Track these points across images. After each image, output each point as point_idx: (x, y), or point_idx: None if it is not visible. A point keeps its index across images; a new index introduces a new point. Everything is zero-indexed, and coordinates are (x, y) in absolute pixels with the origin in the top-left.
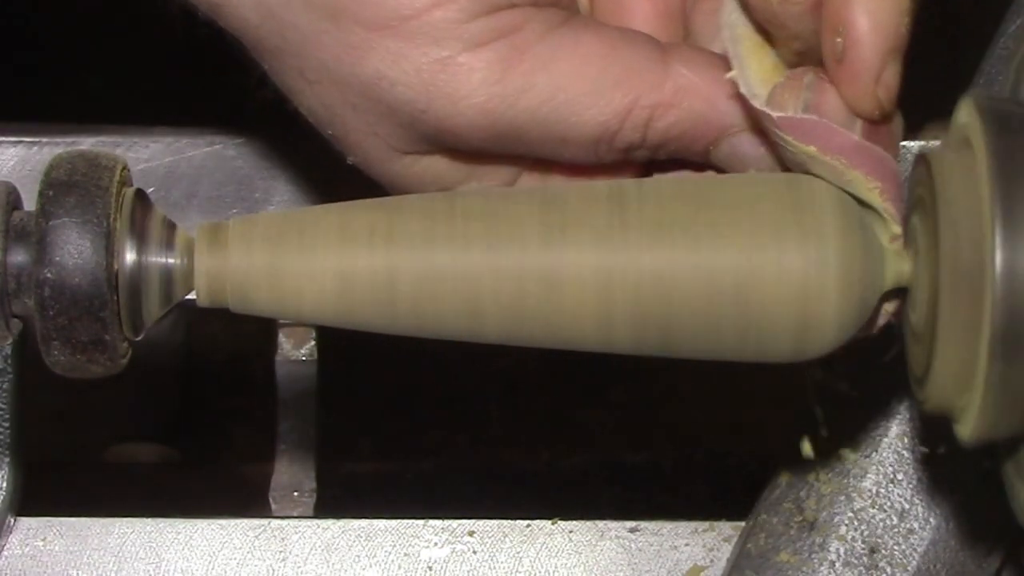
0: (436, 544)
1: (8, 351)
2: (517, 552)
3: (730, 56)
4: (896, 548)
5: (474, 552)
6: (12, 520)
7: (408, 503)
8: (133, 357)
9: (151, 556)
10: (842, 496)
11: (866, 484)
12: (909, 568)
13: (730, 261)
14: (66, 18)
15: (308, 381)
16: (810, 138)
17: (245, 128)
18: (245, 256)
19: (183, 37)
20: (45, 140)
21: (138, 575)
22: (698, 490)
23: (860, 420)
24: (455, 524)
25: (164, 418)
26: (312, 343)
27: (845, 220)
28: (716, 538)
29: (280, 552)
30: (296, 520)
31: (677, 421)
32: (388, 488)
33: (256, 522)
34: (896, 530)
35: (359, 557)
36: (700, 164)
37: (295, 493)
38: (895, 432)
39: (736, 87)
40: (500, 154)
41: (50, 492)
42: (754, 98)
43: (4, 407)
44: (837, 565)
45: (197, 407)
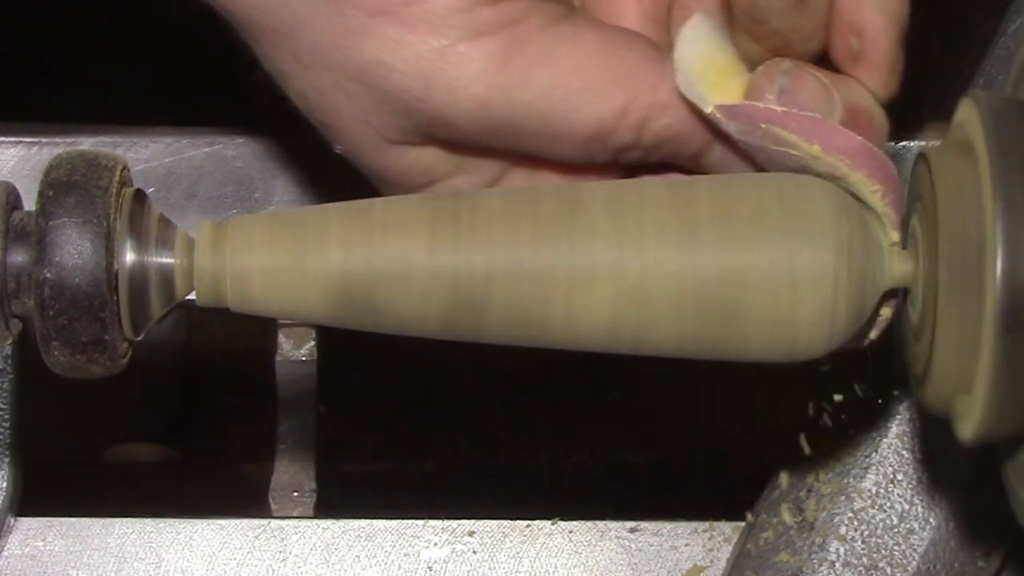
0: (436, 544)
1: (8, 351)
2: (517, 552)
3: (686, 91)
4: (896, 548)
5: (474, 552)
6: (12, 520)
7: (408, 503)
8: (133, 357)
9: (151, 556)
10: (842, 496)
11: (866, 484)
12: (909, 568)
13: (730, 261)
14: (66, 18)
15: (308, 381)
16: (813, 136)
17: (245, 128)
18: (245, 256)
19: (183, 37)
20: (45, 140)
21: (138, 575)
22: (698, 490)
23: (860, 421)
24: (455, 524)
25: (164, 418)
26: (312, 343)
27: (845, 220)
28: (716, 538)
29: (280, 552)
30: (296, 520)
31: (677, 421)
32: (388, 488)
33: (256, 522)
34: (896, 530)
35: (359, 557)
36: (688, 170)
37: (295, 493)
38: (895, 432)
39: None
40: (491, 148)
41: (50, 492)
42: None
43: (4, 407)
44: (837, 565)
45: (197, 407)
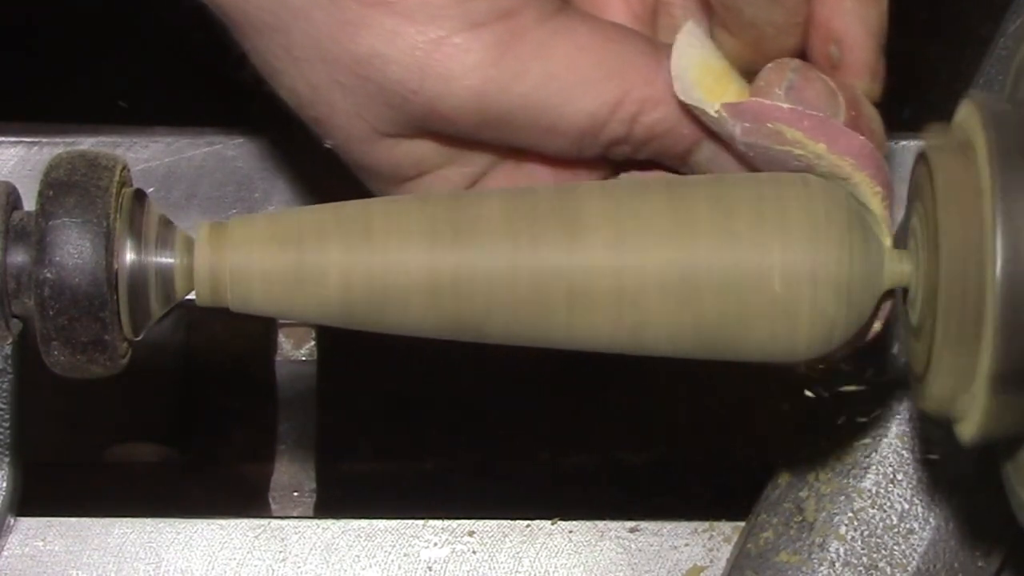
0: (436, 544)
1: (8, 351)
2: (517, 552)
3: (685, 97)
4: (896, 548)
5: (474, 552)
6: (12, 520)
7: (408, 503)
8: (133, 357)
9: (151, 556)
10: (842, 496)
11: (866, 484)
12: (909, 568)
13: (730, 260)
14: (66, 18)
15: (308, 381)
16: (820, 135)
17: (245, 128)
18: (245, 256)
19: (183, 37)
20: (45, 140)
21: (138, 575)
22: (698, 490)
23: (860, 421)
24: (455, 524)
25: (164, 418)
26: (312, 343)
27: (846, 219)
28: (716, 538)
29: (280, 552)
30: (296, 520)
31: (677, 421)
32: (388, 488)
33: (256, 522)
34: (896, 530)
35: (359, 557)
36: (674, 170)
37: (295, 493)
38: (895, 432)
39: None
40: (483, 140)
41: (50, 492)
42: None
43: (4, 407)
44: (837, 565)
45: (197, 407)
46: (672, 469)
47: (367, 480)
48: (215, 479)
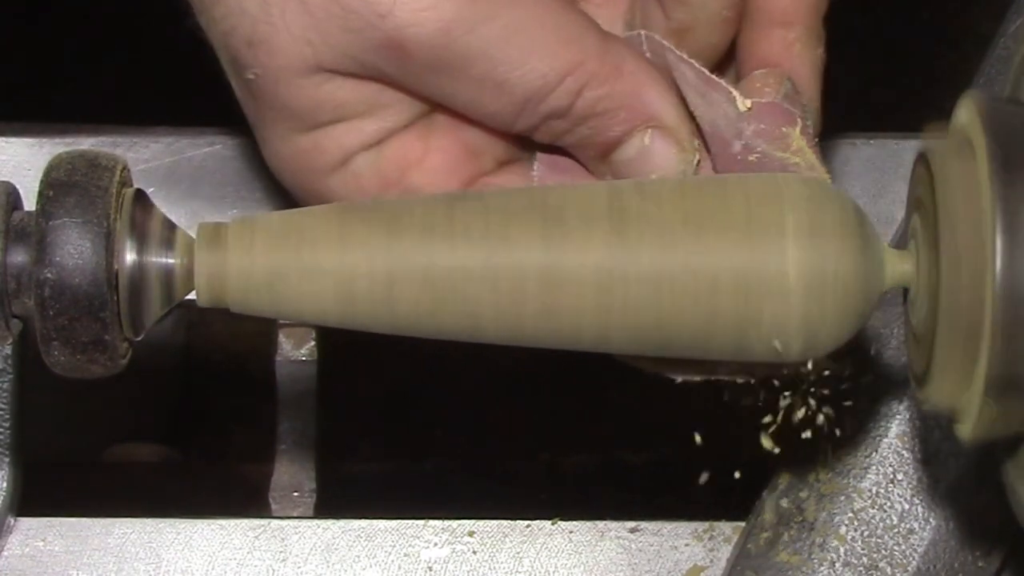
0: (436, 544)
1: (8, 351)
2: (517, 552)
3: (714, 79)
4: (896, 548)
5: (474, 552)
6: (12, 520)
7: (408, 503)
8: (133, 357)
9: (151, 556)
10: (842, 496)
11: (866, 484)
12: (909, 568)
13: (729, 260)
14: (66, 18)
15: (308, 381)
16: (814, 146)
17: (245, 128)
18: (245, 256)
19: (182, 37)
20: (45, 140)
21: (138, 575)
22: (698, 490)
23: (860, 420)
24: (455, 524)
25: (164, 418)
26: (312, 343)
27: (846, 219)
28: (716, 538)
29: (280, 552)
30: (296, 520)
31: (677, 421)
32: (388, 488)
33: (256, 522)
34: (896, 530)
35: (359, 557)
36: (588, 168)
37: (295, 493)
38: (895, 432)
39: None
40: (421, 89)
41: (50, 492)
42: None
43: (4, 407)
44: (837, 565)
45: (197, 407)
46: (672, 469)
47: (367, 480)
48: (215, 479)
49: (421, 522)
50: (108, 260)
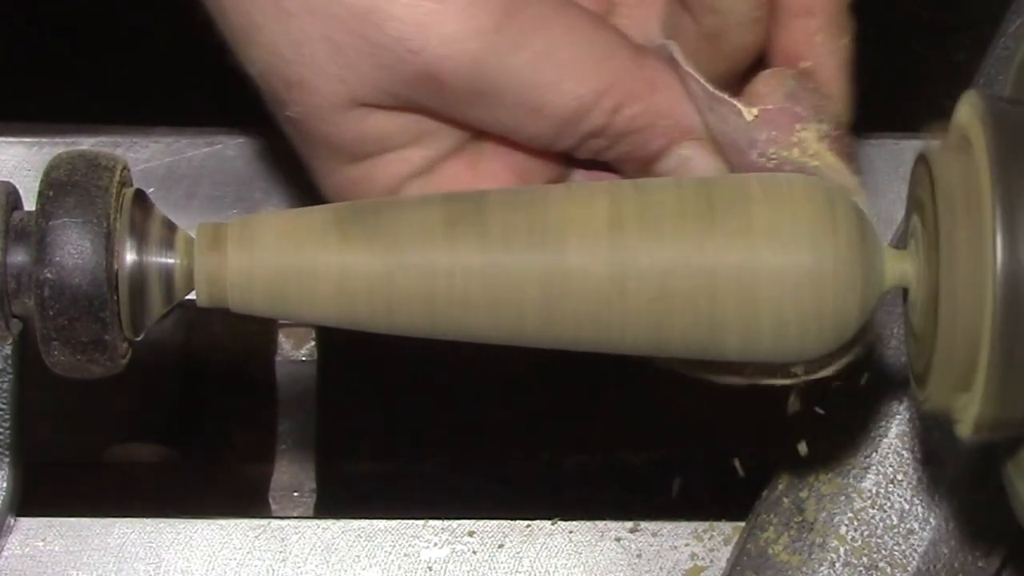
0: (436, 544)
1: (8, 351)
2: (517, 552)
3: (717, 95)
4: (896, 548)
5: (474, 552)
6: (12, 520)
7: (408, 503)
8: (133, 357)
9: (151, 556)
10: (842, 496)
11: (866, 484)
12: (909, 568)
13: (729, 260)
14: (66, 18)
15: (308, 381)
16: (835, 148)
17: (245, 128)
18: (245, 256)
19: (182, 37)
20: (45, 140)
21: (138, 575)
22: (698, 490)
23: (860, 421)
24: (455, 524)
25: (164, 418)
26: (312, 343)
27: (846, 218)
28: (716, 538)
29: (280, 552)
30: (296, 520)
31: (677, 421)
32: (388, 488)
33: (256, 522)
34: (896, 530)
35: (359, 557)
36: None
37: (295, 493)
38: (895, 432)
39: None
40: (463, 116)
41: (50, 492)
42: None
43: (4, 407)
44: (837, 565)
45: (197, 407)
46: (672, 469)
47: (367, 480)
48: (215, 479)
49: (421, 522)
50: (108, 260)
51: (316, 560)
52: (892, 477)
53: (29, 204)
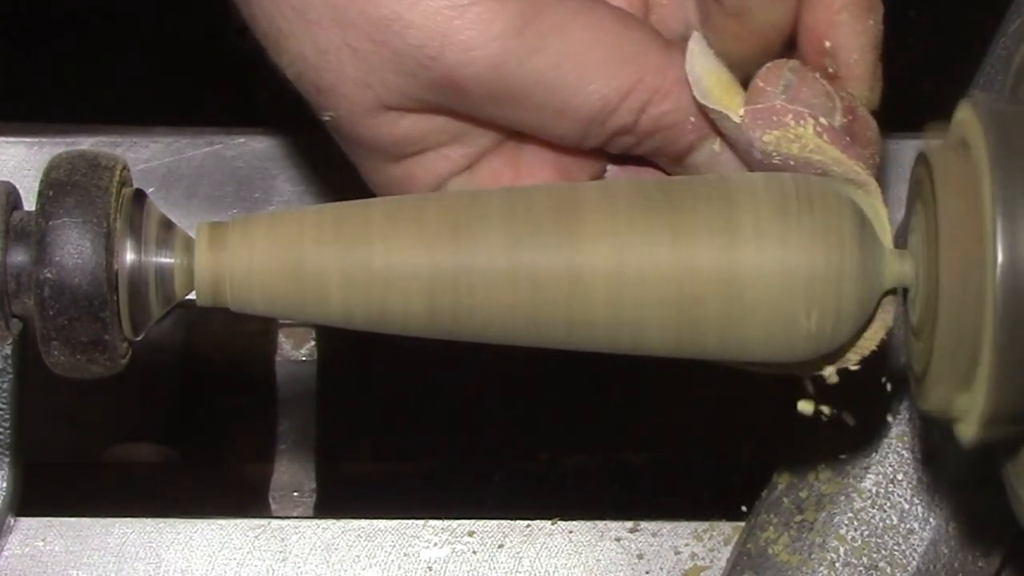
0: (436, 544)
1: (8, 351)
2: (517, 552)
3: (706, 101)
4: (896, 548)
5: (474, 552)
6: (12, 520)
7: (408, 503)
8: (133, 357)
9: (151, 556)
10: (842, 496)
11: (866, 484)
12: (909, 568)
13: (729, 261)
14: (66, 18)
15: (308, 381)
16: (836, 140)
17: (245, 128)
18: (245, 256)
19: (183, 37)
20: (45, 140)
21: (138, 575)
22: (698, 490)
23: (860, 421)
24: (455, 524)
25: (164, 418)
26: (312, 343)
27: (846, 218)
28: (716, 538)
29: (280, 552)
30: (296, 520)
31: (677, 421)
32: (388, 488)
33: (256, 522)
34: (896, 530)
35: (359, 557)
36: (666, 172)
37: (295, 493)
38: (895, 432)
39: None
40: (491, 118)
41: (50, 492)
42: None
43: (4, 407)
44: (837, 565)
45: (197, 407)
46: (672, 469)
47: (367, 480)
48: (215, 479)
49: (421, 522)
50: (108, 260)
51: (316, 560)
52: (892, 477)
53: (29, 204)
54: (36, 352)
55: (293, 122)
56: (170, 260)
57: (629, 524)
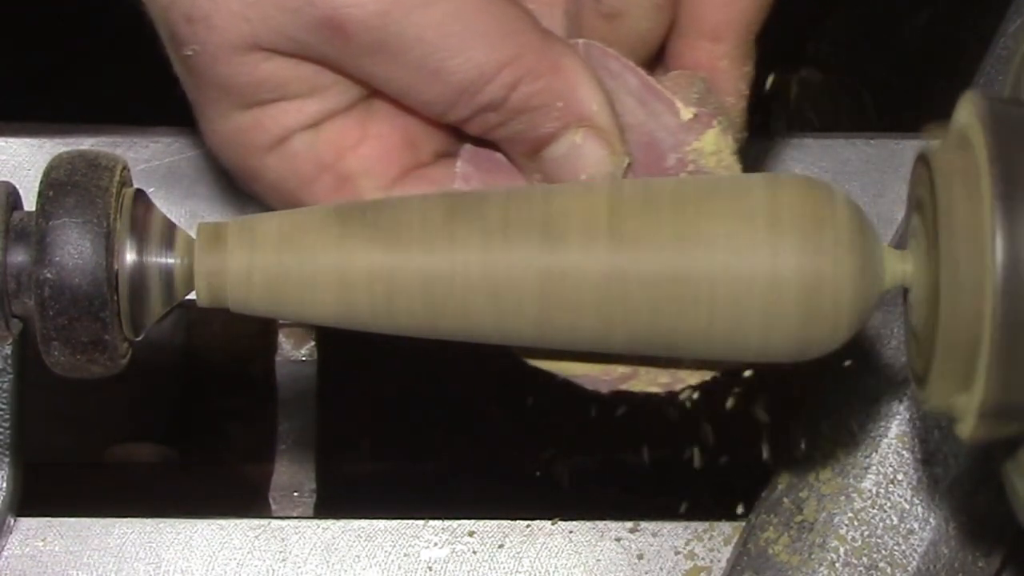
0: (436, 544)
1: (8, 351)
2: (517, 552)
3: (660, 91)
4: (896, 548)
5: (474, 552)
6: (12, 520)
7: (408, 503)
8: (133, 357)
9: (151, 556)
10: (842, 496)
11: (866, 484)
12: (909, 568)
13: (730, 261)
14: (66, 18)
15: (308, 381)
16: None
17: None
18: (245, 256)
19: None
20: (45, 140)
21: (138, 575)
22: (698, 490)
23: (860, 421)
24: (455, 524)
25: (164, 418)
26: (312, 343)
27: (846, 218)
28: (716, 538)
29: (280, 552)
30: (296, 520)
31: (677, 421)
32: (388, 488)
33: (256, 522)
34: (896, 530)
35: (359, 557)
36: (518, 163)
37: (295, 493)
38: (895, 432)
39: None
40: (360, 71)
41: (50, 492)
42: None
43: (4, 407)
44: (837, 565)
45: (197, 407)
46: (672, 469)
47: (367, 480)
48: (215, 479)
49: (421, 522)
50: (108, 260)
51: (316, 560)
52: (892, 477)
53: (29, 204)
54: (36, 352)
55: None
56: (170, 260)
57: (629, 524)
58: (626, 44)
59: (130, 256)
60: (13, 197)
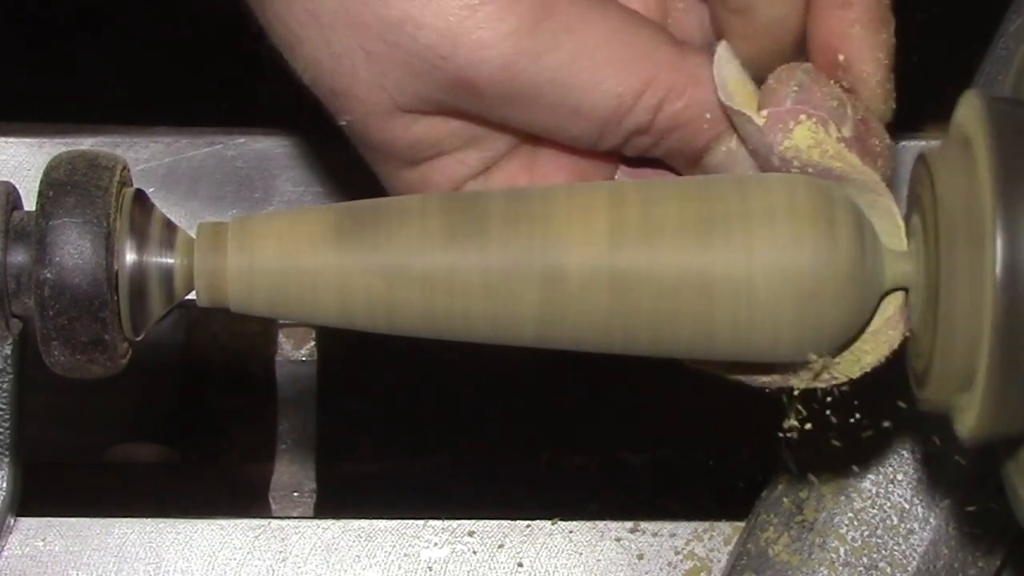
0: (436, 544)
1: (8, 351)
2: (517, 552)
3: (731, 103)
4: (896, 548)
5: (474, 552)
6: (12, 520)
7: (408, 503)
8: (133, 357)
9: (151, 556)
10: (842, 496)
11: (866, 484)
12: (909, 568)
13: (730, 260)
14: (66, 18)
15: (308, 381)
16: (853, 145)
17: (245, 128)
18: (245, 256)
19: (184, 37)
20: (45, 140)
21: (138, 575)
22: (698, 490)
23: (860, 420)
24: (455, 524)
25: (164, 418)
26: (312, 343)
27: (846, 219)
28: (716, 538)
29: (280, 552)
30: (296, 520)
31: (677, 421)
32: (388, 488)
33: (256, 522)
34: (896, 530)
35: (359, 557)
36: (680, 173)
37: (295, 493)
38: (895, 432)
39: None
40: (505, 120)
41: (50, 492)
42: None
43: (4, 407)
44: (837, 565)
45: (197, 407)
46: (672, 469)
47: (367, 480)
48: (215, 479)
49: (421, 522)
50: (108, 260)
51: (316, 560)
52: (892, 477)
53: (29, 204)
54: (36, 352)
55: (293, 122)
56: (170, 260)
57: (629, 524)
58: (766, 35)
59: (130, 256)
60: (13, 197)
